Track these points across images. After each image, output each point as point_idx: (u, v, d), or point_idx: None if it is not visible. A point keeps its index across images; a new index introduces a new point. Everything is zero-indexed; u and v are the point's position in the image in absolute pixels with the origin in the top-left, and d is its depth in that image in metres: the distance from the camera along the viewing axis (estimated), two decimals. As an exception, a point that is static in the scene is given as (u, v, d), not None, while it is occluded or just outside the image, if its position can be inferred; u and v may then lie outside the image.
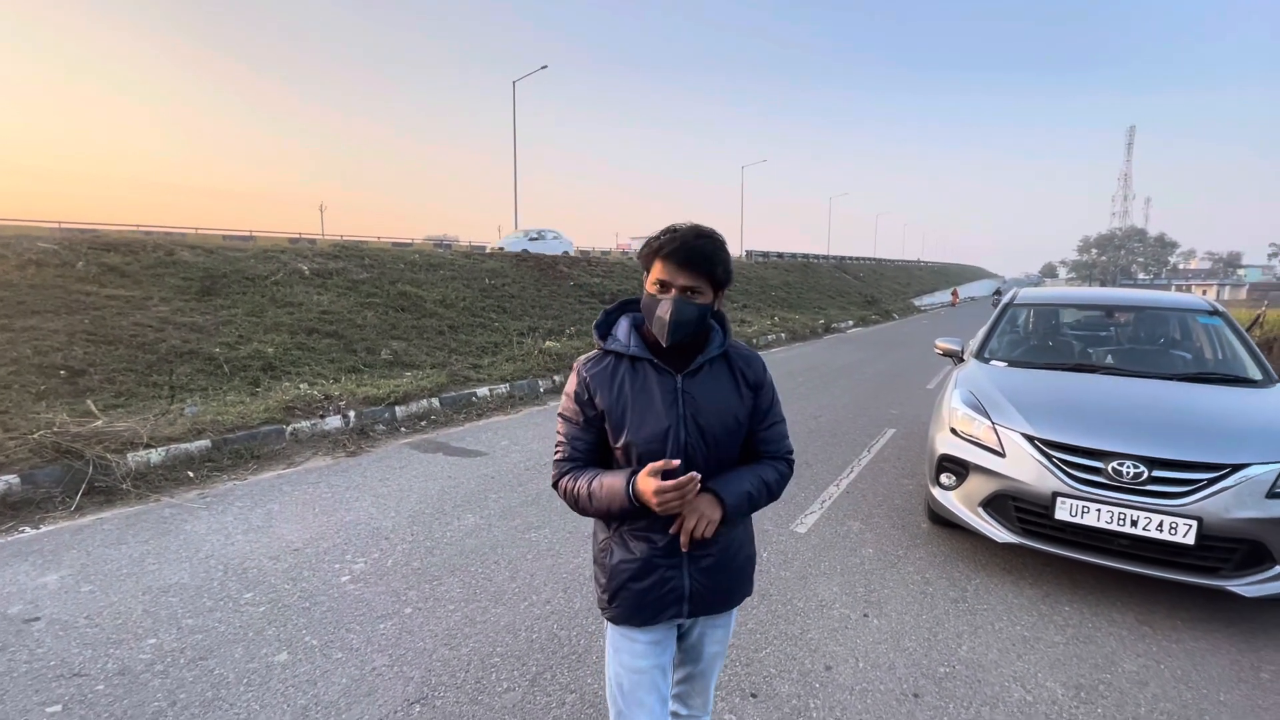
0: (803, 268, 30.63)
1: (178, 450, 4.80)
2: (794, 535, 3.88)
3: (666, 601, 1.41)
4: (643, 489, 1.26)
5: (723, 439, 1.40)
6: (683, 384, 1.38)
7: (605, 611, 1.46)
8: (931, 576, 3.35)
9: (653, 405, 1.36)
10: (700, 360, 1.40)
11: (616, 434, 1.38)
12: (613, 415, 1.37)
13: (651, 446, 1.35)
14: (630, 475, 1.30)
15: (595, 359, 1.43)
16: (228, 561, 3.40)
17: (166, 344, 6.69)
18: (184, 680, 2.41)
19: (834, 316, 21.04)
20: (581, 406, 1.40)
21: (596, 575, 1.49)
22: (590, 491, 1.35)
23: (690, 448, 1.37)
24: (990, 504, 3.31)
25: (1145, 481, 2.88)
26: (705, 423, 1.38)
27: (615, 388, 1.38)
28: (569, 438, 1.42)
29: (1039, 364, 4.13)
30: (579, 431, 1.41)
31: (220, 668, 2.50)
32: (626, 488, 1.29)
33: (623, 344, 1.41)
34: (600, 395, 1.38)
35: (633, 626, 1.43)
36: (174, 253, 9.07)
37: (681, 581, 1.40)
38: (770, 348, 14.26)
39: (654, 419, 1.36)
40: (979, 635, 2.81)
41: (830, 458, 5.48)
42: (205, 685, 2.39)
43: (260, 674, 2.46)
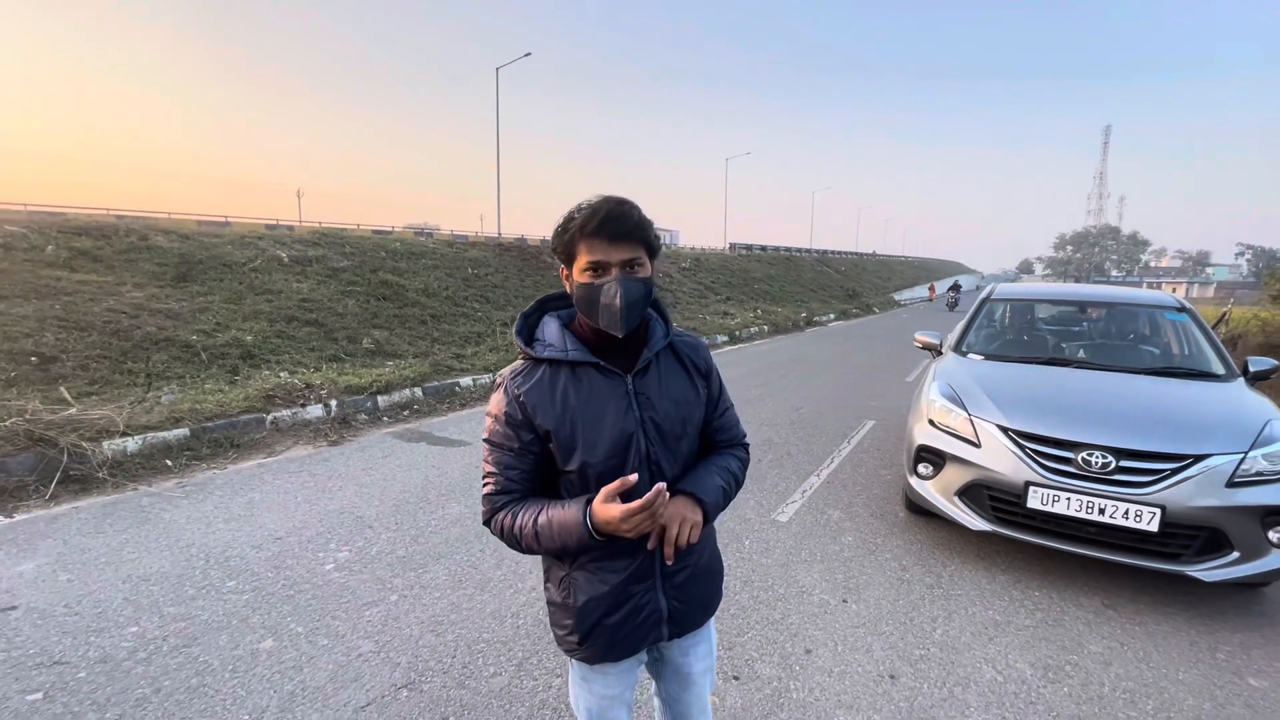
0: (785, 261, 30.82)
1: (155, 439, 4.73)
2: (775, 524, 3.96)
3: (645, 629, 1.27)
4: (605, 518, 1.08)
5: (683, 437, 1.27)
6: (634, 385, 1.22)
7: (574, 654, 1.29)
8: (908, 563, 3.44)
9: (605, 416, 1.18)
10: (647, 356, 1.24)
11: (566, 456, 1.19)
12: (560, 435, 1.18)
13: (611, 463, 1.18)
14: (585, 505, 1.12)
15: (525, 371, 1.21)
16: (209, 550, 3.37)
17: (141, 331, 6.56)
18: (168, 667, 2.40)
19: (816, 310, 21.24)
20: (515, 430, 1.19)
21: (556, 617, 1.29)
22: (537, 531, 1.15)
23: (653, 455, 1.22)
24: (965, 493, 3.40)
25: (1113, 471, 2.99)
26: (665, 424, 1.23)
27: (559, 402, 1.18)
28: (500, 467, 1.21)
29: (1014, 357, 4.24)
30: (513, 459, 1.20)
31: (205, 655, 2.49)
32: (584, 521, 1.11)
33: (558, 348, 1.20)
34: (541, 414, 1.18)
35: (610, 662, 1.29)
36: (148, 238, 8.86)
37: (658, 603, 1.27)
38: (753, 340, 14.37)
39: (610, 431, 1.18)
40: (953, 619, 2.91)
41: (811, 448, 5.57)
42: (190, 672, 2.38)
43: (245, 661, 2.46)
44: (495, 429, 1.22)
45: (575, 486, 1.22)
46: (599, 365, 1.21)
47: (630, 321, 1.16)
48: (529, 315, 1.29)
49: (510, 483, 1.21)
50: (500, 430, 1.21)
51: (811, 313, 20.18)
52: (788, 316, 17.99)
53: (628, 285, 1.14)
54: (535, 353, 1.22)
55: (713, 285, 20.25)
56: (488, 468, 1.23)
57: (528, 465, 1.22)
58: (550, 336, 1.23)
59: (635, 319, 1.17)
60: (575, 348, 1.21)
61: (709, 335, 13.26)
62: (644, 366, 1.24)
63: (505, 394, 1.21)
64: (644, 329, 1.27)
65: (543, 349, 1.22)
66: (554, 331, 1.23)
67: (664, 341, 1.28)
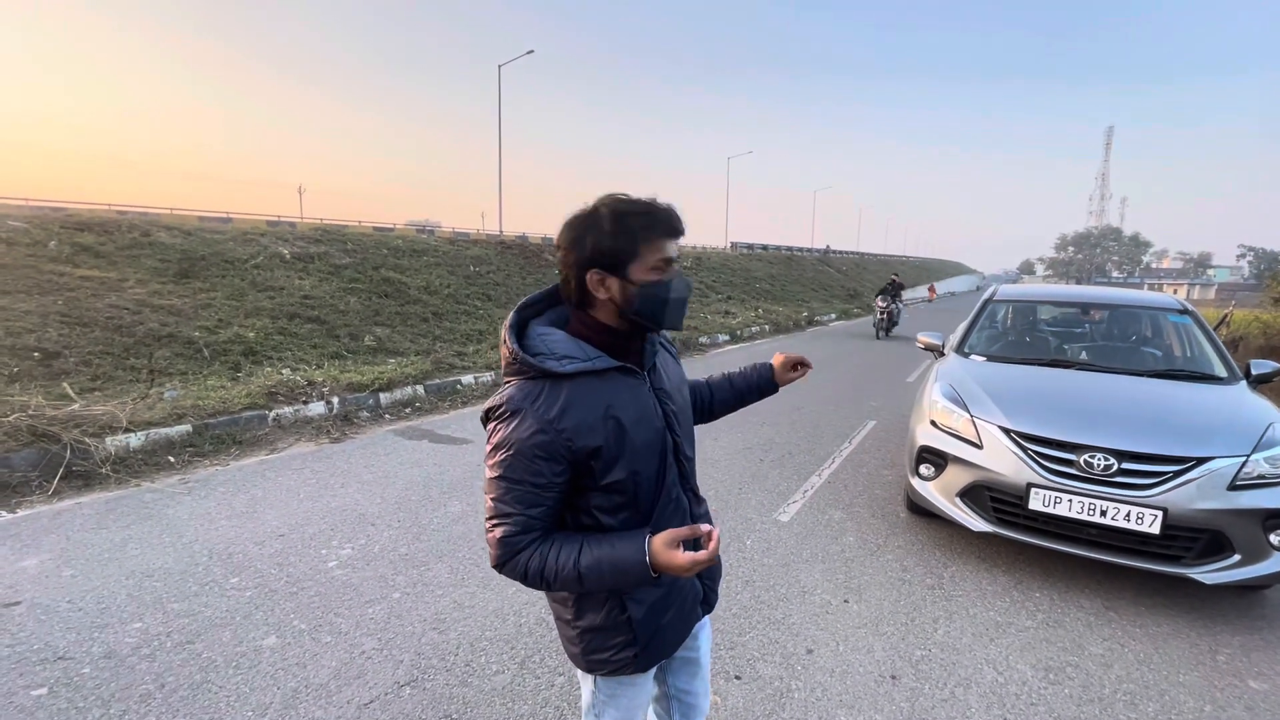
0: (786, 260, 30.81)
1: (158, 435, 4.74)
2: (777, 524, 3.96)
3: (689, 615, 1.29)
4: (669, 563, 1.04)
5: (692, 424, 1.34)
6: (651, 381, 1.21)
7: (626, 669, 1.23)
8: (910, 564, 3.45)
9: (643, 418, 1.15)
10: (652, 351, 1.24)
11: (608, 470, 1.11)
12: (607, 451, 1.10)
13: (652, 466, 1.17)
14: (644, 545, 1.06)
15: (546, 391, 1.07)
16: (212, 547, 3.38)
17: (144, 327, 6.57)
18: (171, 663, 2.41)
19: (817, 309, 21.24)
20: (548, 464, 1.06)
21: (597, 641, 1.21)
22: (580, 573, 1.07)
23: (679, 450, 1.24)
24: (967, 494, 3.41)
25: (1115, 473, 2.99)
26: (681, 413, 1.26)
27: (602, 418, 1.09)
28: (521, 506, 1.07)
29: (1016, 359, 4.24)
30: (538, 496, 1.07)
31: (208, 651, 2.50)
32: (645, 563, 1.05)
33: (580, 359, 1.10)
34: (585, 436, 1.07)
35: (663, 659, 1.29)
36: (150, 233, 8.87)
37: (696, 586, 1.30)
38: (754, 339, 14.37)
39: (647, 433, 1.16)
40: (954, 620, 2.91)
41: (812, 448, 5.58)
42: (194, 668, 2.39)
43: (249, 657, 2.47)
44: (519, 464, 1.06)
45: (617, 497, 1.14)
46: (624, 367, 1.15)
47: (684, 315, 1.19)
48: (514, 326, 1.15)
49: (532, 522, 1.09)
50: (526, 465, 1.06)
51: (813, 312, 20.17)
52: (789, 316, 17.99)
53: (688, 280, 1.17)
54: (554, 369, 1.08)
55: (714, 284, 20.24)
56: (502, 507, 1.08)
57: (552, 501, 1.10)
58: (562, 348, 1.11)
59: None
60: (597, 355, 1.12)
61: (710, 334, 13.26)
62: (653, 362, 1.24)
63: (532, 423, 1.05)
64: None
65: (560, 363, 1.09)
66: (563, 342, 1.12)
67: (658, 335, 1.29)
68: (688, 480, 1.28)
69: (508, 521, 1.08)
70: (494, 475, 1.08)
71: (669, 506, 1.21)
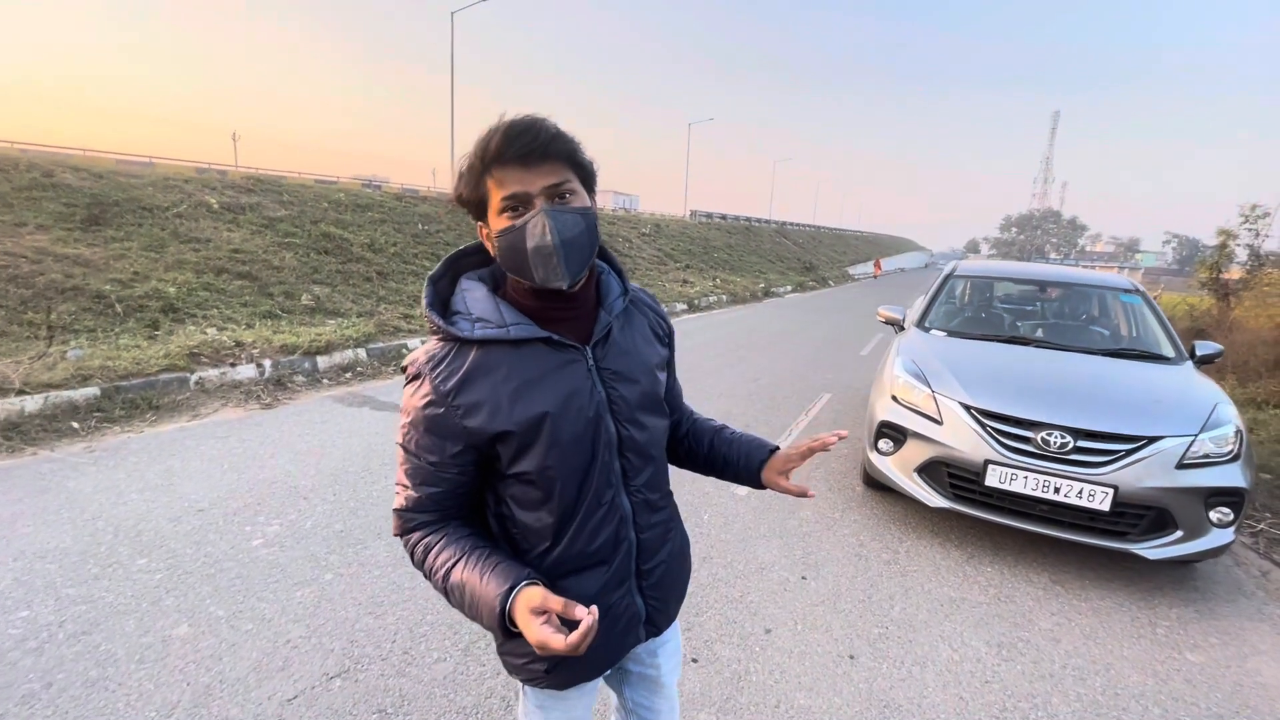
0: (745, 230, 30.80)
1: (59, 398, 4.27)
2: (734, 497, 3.88)
3: (623, 636, 1.08)
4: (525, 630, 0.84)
5: (659, 418, 1.08)
6: (595, 357, 0.99)
7: (538, 682, 1.06)
8: (866, 539, 3.43)
9: (568, 403, 0.94)
10: (606, 320, 1.00)
11: (517, 459, 0.94)
12: (513, 437, 0.92)
13: (575, 462, 0.96)
14: (506, 596, 0.86)
15: (451, 358, 0.92)
16: (119, 523, 3.05)
17: (45, 278, 5.91)
18: (62, 658, 2.14)
19: (774, 281, 21.35)
20: (440, 440, 0.92)
21: (509, 644, 1.04)
22: (447, 588, 0.93)
23: (626, 445, 1.01)
24: (925, 470, 3.38)
25: (1070, 451, 3.00)
26: (637, 401, 1.02)
27: (508, 398, 0.91)
28: (414, 482, 0.95)
29: (975, 335, 4.24)
30: (431, 474, 0.94)
31: (107, 643, 2.23)
32: (500, 616, 0.86)
33: (495, 324, 0.92)
34: (483, 415, 0.91)
35: (584, 682, 1.10)
36: (53, 174, 7.98)
37: (636, 605, 1.09)
38: (711, 309, 14.31)
39: (573, 422, 0.94)
40: (910, 597, 2.89)
41: (769, 420, 5.53)
42: (89, 663, 2.12)
43: (156, 649, 2.22)
44: (413, 435, 0.94)
45: (532, 490, 0.97)
46: (550, 339, 0.94)
47: (574, 267, 0.90)
48: (438, 280, 0.98)
49: (426, 500, 0.96)
50: (419, 439, 0.94)
51: (769, 284, 20.26)
52: (746, 287, 18.00)
53: (559, 217, 0.87)
54: (462, 332, 0.92)
55: (672, 252, 20.03)
56: (401, 476, 0.98)
57: (448, 485, 0.95)
58: (479, 309, 0.94)
59: (580, 264, 0.91)
60: (517, 321, 0.93)
61: (668, 303, 13.10)
62: (604, 334, 1.00)
63: (427, 391, 0.92)
64: (594, 287, 1.03)
65: (471, 327, 0.92)
66: (482, 301, 0.95)
67: (623, 301, 1.04)
68: (632, 481, 1.04)
69: (402, 493, 0.98)
70: (398, 441, 0.98)
71: (597, 513, 1.00)
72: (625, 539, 1.04)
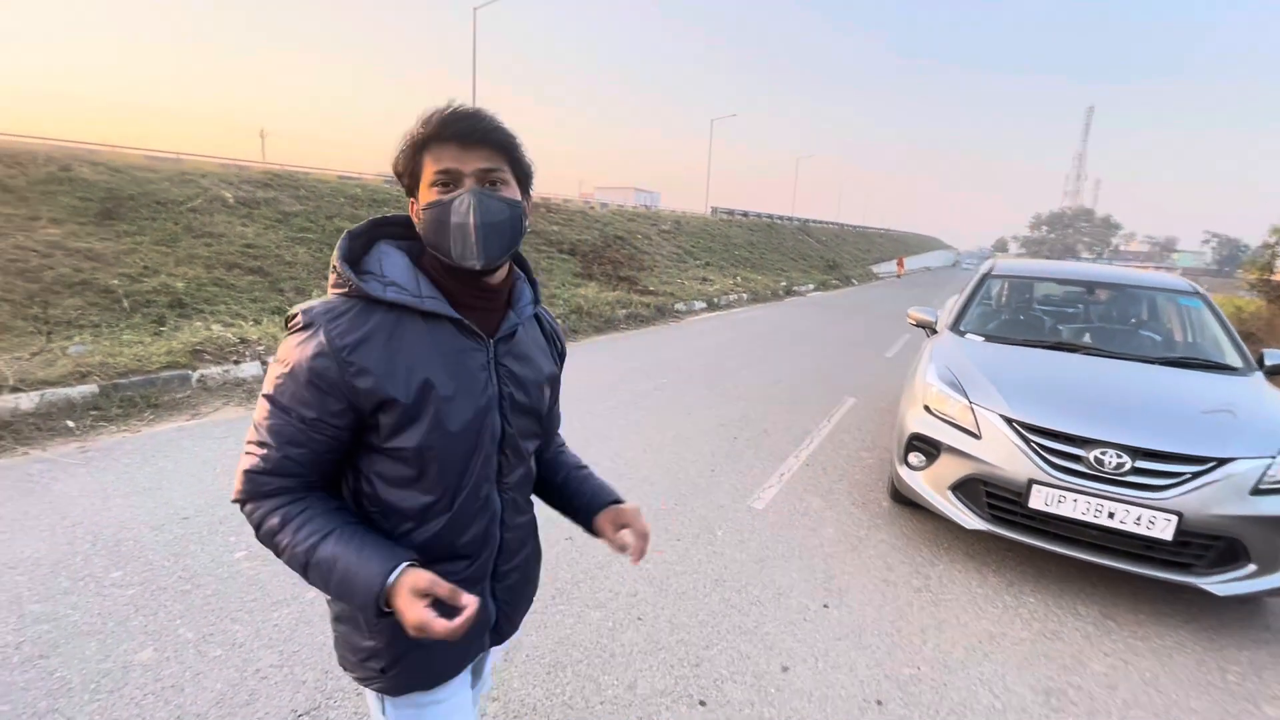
0: (767, 228, 30.33)
1: (55, 395, 4.16)
2: (751, 511, 3.62)
3: (470, 642, 1.04)
4: (403, 612, 0.82)
5: (539, 425, 1.09)
6: (496, 352, 0.98)
7: (375, 683, 1.00)
8: (894, 562, 3.15)
9: (463, 387, 0.93)
10: (515, 320, 1.01)
11: (399, 432, 0.90)
12: (402, 406, 0.89)
13: (459, 448, 0.94)
14: (387, 575, 0.84)
15: (354, 314, 0.88)
16: (99, 531, 2.90)
17: (54, 272, 5.86)
18: (11, 685, 1.97)
19: (796, 279, 20.92)
20: (321, 395, 0.86)
21: (348, 638, 1.00)
22: (308, 562, 0.86)
23: (508, 441, 1.01)
24: (961, 488, 3.09)
25: (1127, 472, 2.69)
26: (525, 404, 1.03)
27: (405, 365, 0.89)
28: (278, 440, 0.87)
29: (1016, 340, 3.91)
30: (301, 434, 0.87)
31: (64, 669, 2.06)
32: (377, 596, 0.83)
33: (410, 291, 0.90)
34: (380, 378, 0.87)
35: (425, 689, 1.02)
36: (70, 168, 7.98)
37: (488, 608, 1.06)
38: (731, 308, 14.00)
39: (464, 407, 0.93)
40: (944, 630, 2.61)
41: (790, 426, 5.25)
42: (39, 693, 1.95)
43: (114, 677, 2.04)
44: (287, 386, 0.87)
45: (403, 469, 0.92)
46: (460, 322, 0.94)
47: (491, 251, 0.89)
48: (356, 237, 0.94)
49: (289, 464, 0.88)
50: (296, 391, 0.87)
51: (791, 282, 19.85)
52: (767, 285, 17.63)
53: (486, 200, 0.88)
54: (373, 291, 0.89)
55: (692, 250, 19.72)
56: (260, 434, 0.89)
57: (319, 446, 0.89)
58: (395, 274, 0.91)
59: (498, 250, 0.90)
60: (432, 294, 0.92)
61: (687, 301, 12.82)
62: (509, 333, 1.01)
63: (318, 341, 0.86)
64: (509, 289, 1.02)
65: (384, 288, 0.90)
66: (400, 268, 0.92)
67: (532, 308, 1.06)
68: (506, 478, 1.03)
69: (258, 452, 0.89)
70: (264, 393, 0.90)
71: (473, 505, 0.98)
72: (492, 536, 1.03)
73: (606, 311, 10.11)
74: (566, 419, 5.46)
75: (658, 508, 3.57)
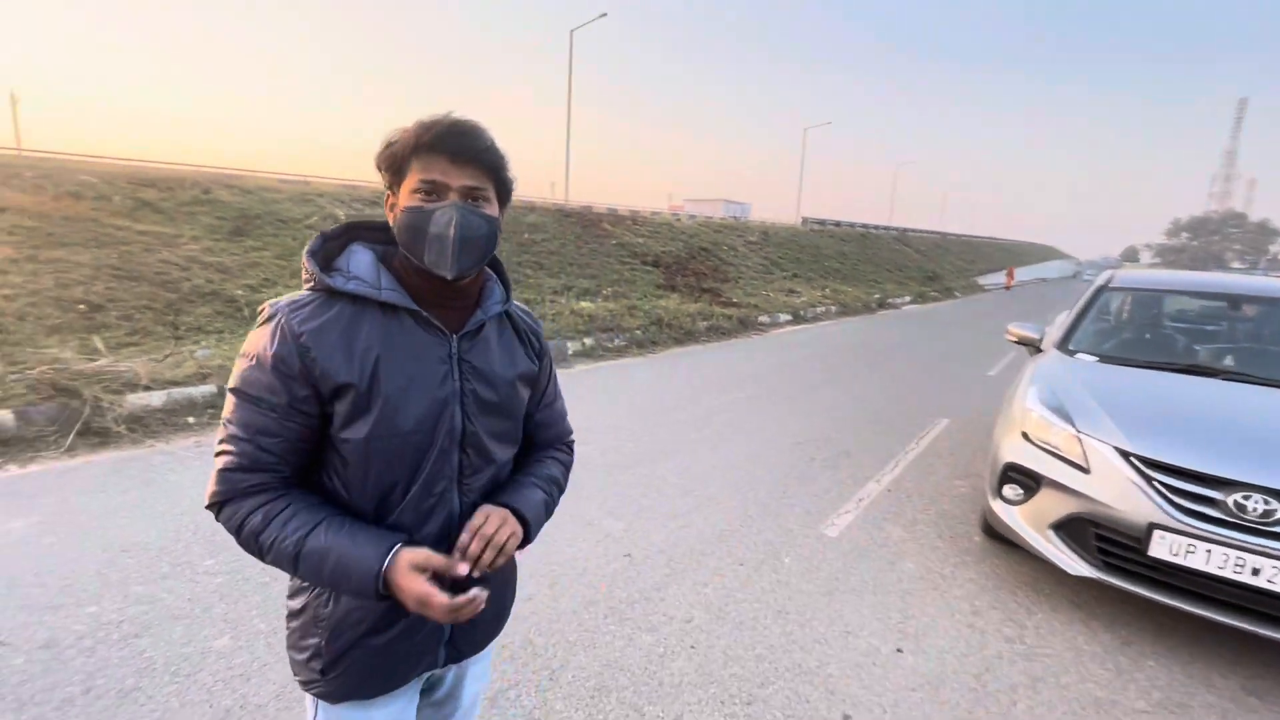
0: (860, 238, 29.12)
1: (180, 394, 4.63)
2: (822, 539, 3.40)
3: (419, 653, 1.01)
4: (406, 589, 0.86)
5: (510, 426, 1.07)
6: (459, 348, 0.98)
7: (315, 686, 0.99)
8: (982, 606, 2.83)
9: (418, 378, 0.93)
10: (480, 317, 1.01)
11: (351, 421, 0.91)
12: (356, 394, 0.90)
13: (413, 439, 0.93)
14: (385, 556, 0.87)
15: (314, 306, 0.91)
16: (200, 521, 3.16)
17: (190, 283, 6.58)
18: (108, 661, 2.15)
19: (890, 291, 19.88)
20: (286, 382, 0.88)
21: (297, 635, 0.99)
22: (299, 554, 0.87)
23: (470, 437, 0.99)
24: (1065, 527, 2.74)
25: (1277, 522, 2.27)
26: (490, 401, 1.01)
27: (360, 352, 0.90)
28: (250, 432, 0.88)
29: (1139, 362, 3.44)
30: (274, 423, 0.89)
31: (152, 649, 2.23)
32: (376, 578, 0.86)
33: (370, 283, 0.93)
34: (332, 364, 0.88)
35: (364, 699, 1.00)
36: (210, 190, 8.98)
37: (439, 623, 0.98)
38: (819, 320, 13.49)
39: (419, 399, 0.93)
40: (1039, 690, 2.30)
41: (873, 448, 4.92)
42: (129, 670, 2.12)
43: (192, 661, 2.18)
44: (253, 377, 0.89)
45: (350, 461, 0.92)
46: (418, 314, 0.95)
47: (464, 263, 0.91)
48: (331, 238, 0.98)
49: (265, 456, 0.89)
50: (262, 379, 0.88)
51: (885, 294, 18.88)
52: (858, 297, 16.87)
53: (467, 216, 0.90)
54: (334, 283, 0.92)
55: (779, 261, 19.26)
56: (231, 429, 0.89)
57: (293, 434, 0.90)
58: (359, 269, 0.94)
59: (470, 263, 0.92)
60: (392, 287, 0.94)
61: (771, 313, 12.50)
62: (475, 330, 1.00)
63: (278, 331, 0.88)
64: (478, 289, 1.03)
65: (346, 281, 0.93)
66: (365, 264, 0.95)
67: (500, 306, 1.05)
68: (468, 479, 1.00)
69: (231, 449, 0.89)
70: (231, 386, 0.91)
71: (426, 501, 0.96)
72: (450, 538, 0.98)
73: (687, 323, 10.02)
74: (633, 432, 5.39)
75: (722, 528, 3.43)
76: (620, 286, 11.72)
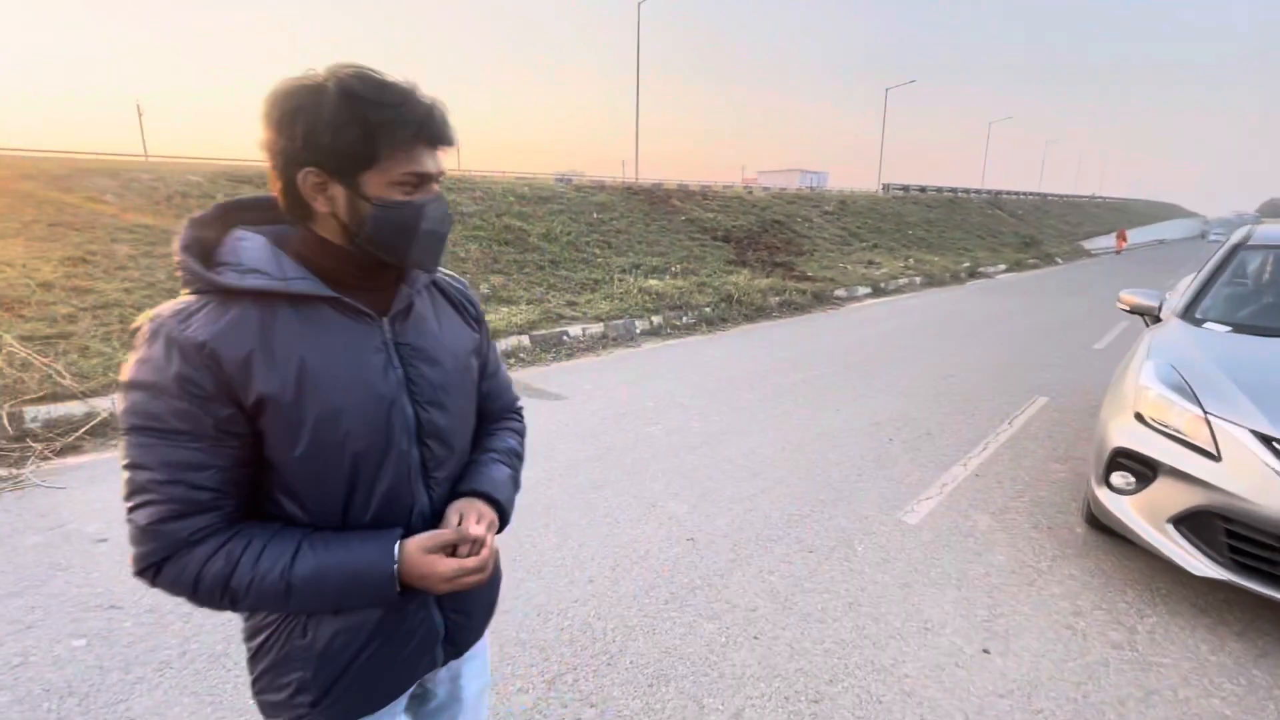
0: (948, 203, 27.24)
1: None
2: (901, 526, 3.19)
3: (417, 658, 0.95)
4: (432, 573, 0.81)
5: (466, 405, 0.98)
6: (393, 332, 0.87)
7: (309, 716, 0.88)
8: (1085, 605, 2.55)
9: (353, 377, 0.81)
10: (409, 293, 0.90)
11: (284, 439, 0.78)
12: (281, 407, 0.76)
13: (360, 445, 0.82)
14: (391, 548, 0.81)
15: (208, 310, 0.75)
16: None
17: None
18: (202, 628, 2.31)
19: (982, 259, 18.50)
20: (205, 405, 0.73)
21: (272, 673, 0.88)
22: (292, 585, 0.76)
23: (427, 430, 0.89)
24: (1187, 521, 2.41)
25: None
26: (442, 384, 0.91)
27: (279, 356, 0.76)
28: (176, 473, 0.73)
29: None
30: (203, 454, 0.74)
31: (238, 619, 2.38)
32: (393, 580, 0.80)
33: (272, 275, 0.77)
34: (250, 373, 0.74)
35: (368, 715, 0.93)
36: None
37: (433, 621, 0.95)
38: (901, 293, 12.75)
39: (359, 400, 0.81)
40: (1153, 705, 2.04)
41: (959, 429, 4.58)
42: (219, 637, 2.27)
43: (274, 631, 2.31)
44: (157, 409, 0.72)
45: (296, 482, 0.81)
46: (339, 301, 0.82)
47: (442, 258, 0.89)
48: (205, 224, 0.81)
49: (200, 495, 0.74)
50: (170, 408, 0.72)
51: (976, 263, 17.59)
52: (946, 267, 15.79)
53: (446, 208, 0.86)
54: (228, 280, 0.76)
55: (858, 231, 18.32)
56: (142, 476, 0.73)
57: (227, 459, 0.76)
58: (252, 259, 0.78)
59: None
60: (299, 275, 0.79)
61: (848, 287, 11.92)
62: (405, 308, 0.90)
63: (173, 348, 0.72)
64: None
65: (242, 276, 0.76)
66: (259, 252, 0.79)
67: (426, 277, 0.95)
68: (433, 473, 0.91)
69: (153, 496, 0.73)
70: (126, 427, 0.73)
71: (394, 506, 0.87)
72: None
73: (758, 299, 9.72)
74: (700, 411, 5.29)
75: (791, 513, 3.28)
76: (689, 263, 11.51)
